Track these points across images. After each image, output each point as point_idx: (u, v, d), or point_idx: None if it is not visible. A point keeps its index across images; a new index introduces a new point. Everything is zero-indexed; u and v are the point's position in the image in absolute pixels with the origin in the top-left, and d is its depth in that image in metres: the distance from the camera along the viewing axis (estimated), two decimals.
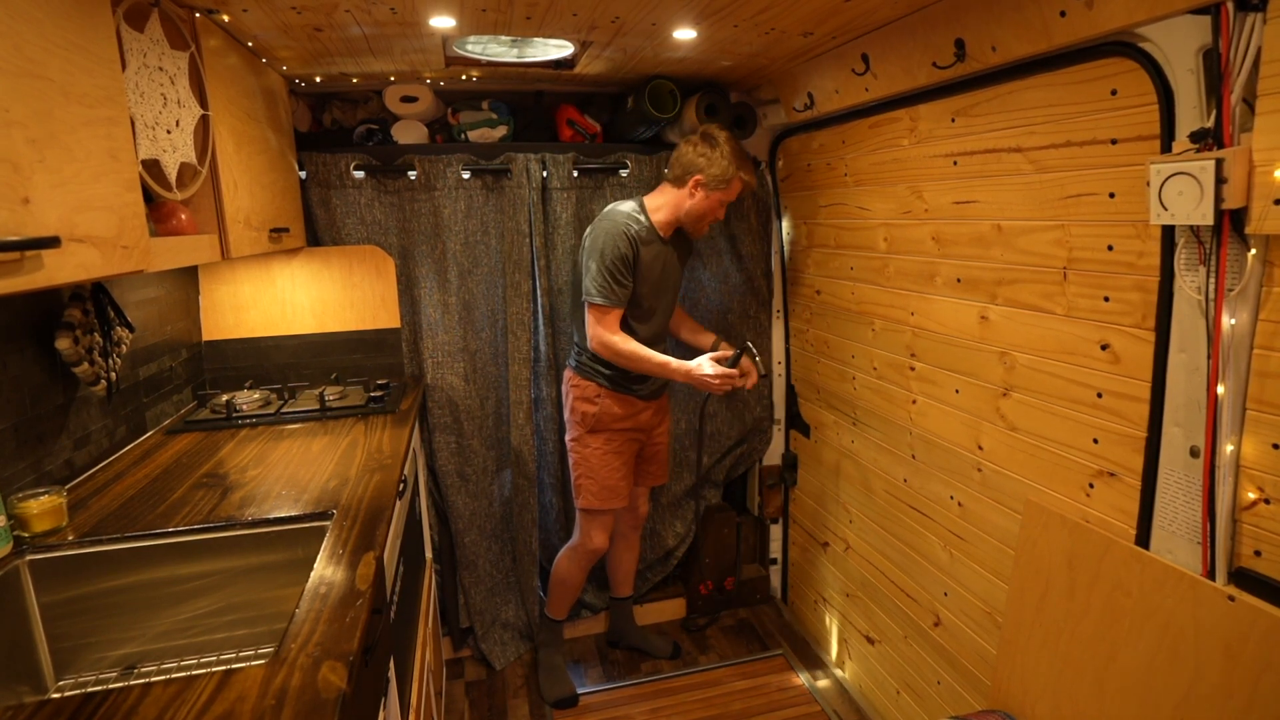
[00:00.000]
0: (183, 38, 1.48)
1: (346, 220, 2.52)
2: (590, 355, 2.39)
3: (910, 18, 1.74)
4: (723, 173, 2.27)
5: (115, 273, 1.13)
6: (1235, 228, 1.15)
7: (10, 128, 0.89)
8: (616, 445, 2.44)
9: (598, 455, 2.43)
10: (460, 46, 2.19)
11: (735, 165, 2.27)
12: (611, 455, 2.44)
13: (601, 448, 2.43)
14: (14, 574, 1.26)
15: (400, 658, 1.53)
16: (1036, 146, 1.56)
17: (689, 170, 2.30)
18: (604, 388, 2.39)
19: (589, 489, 2.45)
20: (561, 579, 2.61)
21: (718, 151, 2.26)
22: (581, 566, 2.58)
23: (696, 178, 2.29)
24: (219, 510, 1.47)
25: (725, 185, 2.29)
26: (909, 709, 2.23)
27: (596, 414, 2.40)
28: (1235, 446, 1.22)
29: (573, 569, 2.58)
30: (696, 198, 2.31)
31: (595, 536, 2.51)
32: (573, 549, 2.57)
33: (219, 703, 0.90)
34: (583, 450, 2.44)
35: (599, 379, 2.39)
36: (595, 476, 2.43)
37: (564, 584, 2.61)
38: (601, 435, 2.42)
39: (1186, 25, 1.20)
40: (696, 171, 2.28)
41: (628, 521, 2.70)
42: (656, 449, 2.60)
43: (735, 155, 2.27)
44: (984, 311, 1.80)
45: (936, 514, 2.05)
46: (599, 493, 2.45)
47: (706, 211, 2.33)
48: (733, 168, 2.27)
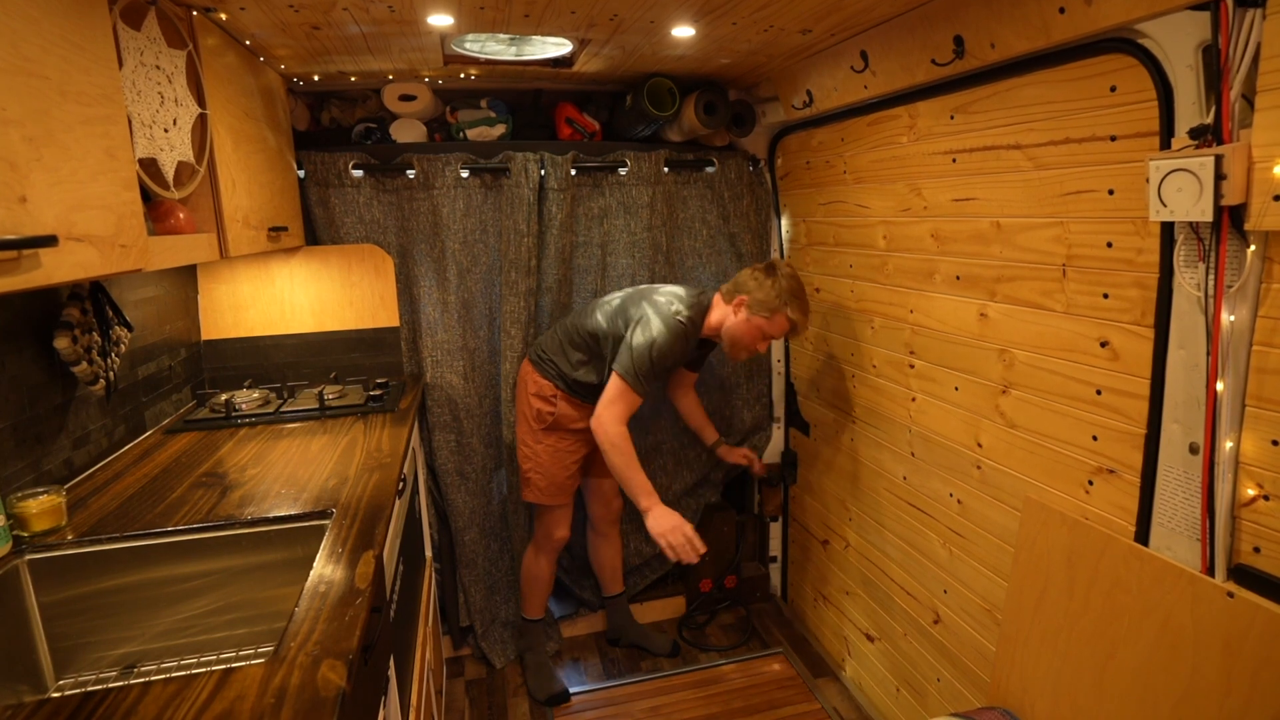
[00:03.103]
0: (180, 36, 1.48)
1: (345, 219, 2.52)
2: (555, 357, 2.37)
3: (909, 15, 1.73)
4: (768, 299, 2.20)
5: (113, 272, 1.13)
6: (1234, 224, 1.15)
7: (7, 126, 0.89)
8: (569, 444, 2.44)
9: (549, 453, 2.42)
10: (459, 45, 2.19)
11: (785, 300, 2.20)
12: (564, 454, 2.43)
13: (554, 445, 2.42)
14: (13, 574, 1.26)
15: (400, 656, 1.53)
16: (1035, 143, 1.56)
17: (739, 289, 2.27)
18: (561, 390, 2.39)
19: (537, 484, 2.45)
20: (530, 577, 2.61)
21: (771, 280, 2.22)
22: (548, 559, 2.58)
23: (742, 297, 2.25)
24: (218, 509, 1.47)
25: (769, 314, 2.21)
26: (909, 706, 2.23)
27: (554, 415, 2.39)
28: (1234, 443, 1.22)
29: (539, 564, 2.58)
30: (739, 317, 2.26)
31: (555, 530, 2.53)
32: (535, 545, 2.58)
33: (218, 701, 0.90)
34: (534, 446, 2.44)
35: (558, 382, 2.38)
36: (544, 473, 2.44)
37: (533, 581, 2.61)
38: (555, 434, 2.41)
39: (1186, 21, 1.20)
40: (745, 292, 2.25)
41: (604, 518, 2.70)
42: None
43: (789, 292, 2.21)
44: (983, 309, 1.80)
45: (936, 511, 2.05)
46: (546, 489, 2.45)
47: (745, 336, 2.26)
48: (780, 300, 2.20)
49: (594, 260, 2.73)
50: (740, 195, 2.82)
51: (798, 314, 2.22)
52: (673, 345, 2.20)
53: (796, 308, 2.22)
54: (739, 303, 2.25)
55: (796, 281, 2.23)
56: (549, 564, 2.59)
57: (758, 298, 2.22)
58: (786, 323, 2.23)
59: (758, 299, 2.22)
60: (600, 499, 2.67)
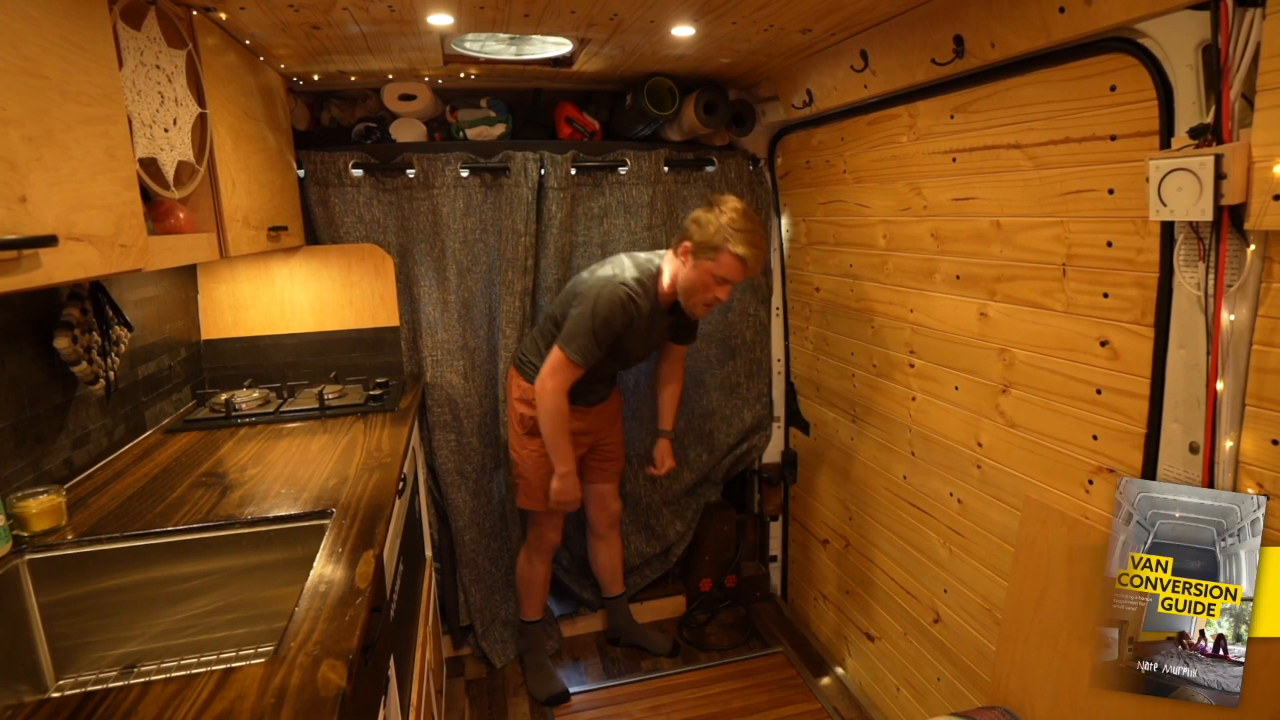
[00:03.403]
0: (180, 36, 1.48)
1: (345, 219, 2.52)
2: (534, 358, 2.34)
3: (909, 14, 1.73)
4: (709, 239, 2.03)
5: (113, 271, 1.13)
6: (1234, 223, 1.15)
7: (7, 126, 0.89)
8: None
9: (533, 458, 2.39)
10: (458, 44, 2.19)
11: (727, 236, 2.01)
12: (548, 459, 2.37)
13: (538, 450, 2.36)
14: (13, 573, 1.26)
15: (400, 656, 1.53)
16: (1035, 143, 1.56)
17: (683, 235, 2.13)
18: None
19: (524, 490, 2.44)
20: (526, 579, 2.59)
21: (712, 215, 2.05)
22: (543, 560, 2.57)
23: (686, 244, 2.11)
24: (218, 509, 1.47)
25: (714, 255, 2.04)
26: (909, 706, 2.23)
27: (535, 418, 2.31)
28: (1234, 442, 1.22)
29: (533, 566, 2.57)
30: (686, 266, 2.12)
31: (547, 533, 2.51)
32: (528, 548, 2.57)
33: (218, 701, 0.90)
34: (521, 452, 2.41)
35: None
36: (530, 479, 2.41)
37: (529, 583, 2.60)
38: (539, 439, 2.34)
39: (1186, 21, 1.20)
40: (687, 238, 2.10)
41: (602, 521, 2.68)
42: (609, 445, 2.58)
43: (731, 226, 2.02)
44: (983, 308, 1.80)
45: (936, 511, 2.05)
46: (534, 495, 2.42)
47: (694, 283, 2.11)
48: (722, 237, 2.01)
49: (594, 260, 2.72)
50: (740, 194, 2.82)
51: (744, 247, 2.02)
52: (612, 315, 2.11)
53: (741, 241, 2.02)
54: (683, 250, 2.12)
55: (741, 214, 2.05)
56: (543, 565, 2.59)
57: (698, 240, 2.07)
58: (734, 261, 2.04)
59: (699, 241, 2.07)
60: (598, 503, 2.66)
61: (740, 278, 2.11)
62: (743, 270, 2.08)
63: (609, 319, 2.13)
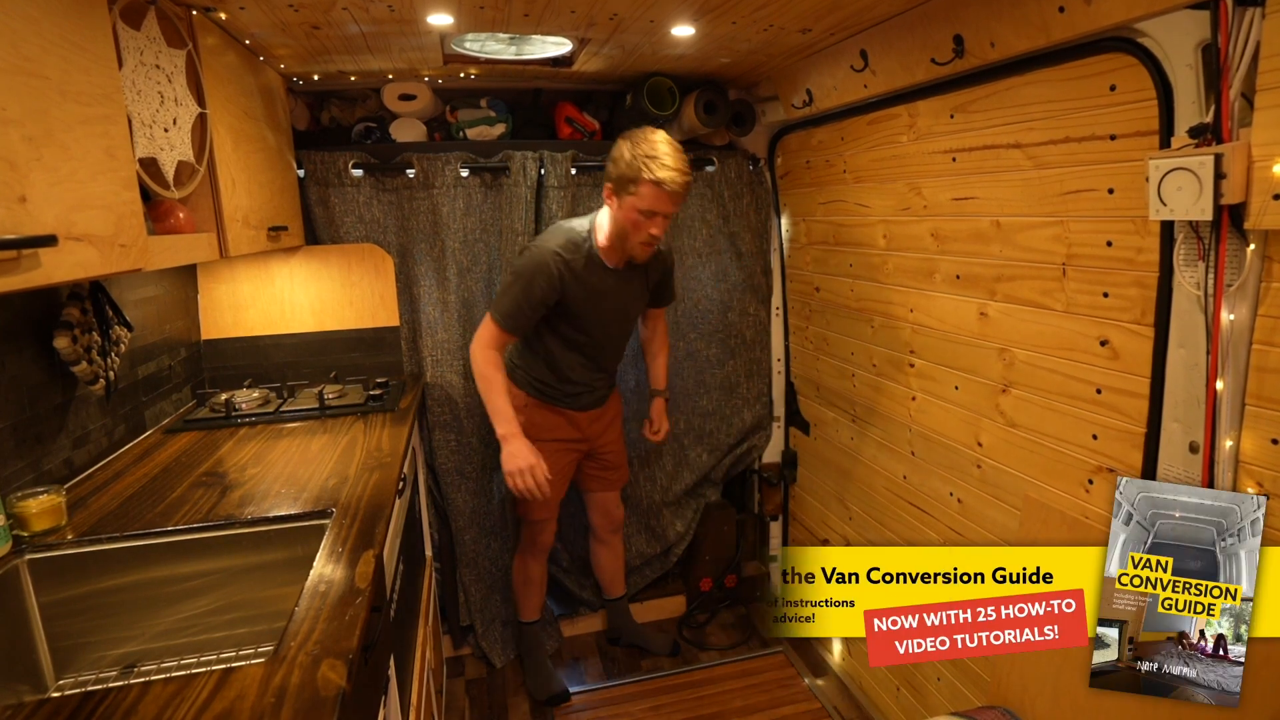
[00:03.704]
0: (180, 36, 1.48)
1: (345, 219, 2.52)
2: (519, 361, 2.30)
3: (909, 14, 1.73)
4: (626, 173, 1.95)
5: (113, 271, 1.13)
6: (1234, 223, 1.15)
7: (7, 126, 0.88)
8: (547, 455, 2.26)
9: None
10: (458, 44, 2.19)
11: (643, 162, 1.92)
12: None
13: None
14: (13, 573, 1.26)
15: (400, 656, 1.53)
16: (1035, 142, 1.56)
17: (605, 178, 2.03)
18: (532, 398, 2.30)
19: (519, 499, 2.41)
20: (522, 581, 2.57)
21: (626, 147, 1.96)
22: (537, 562, 2.55)
23: (608, 186, 2.02)
24: (218, 509, 1.47)
25: (634, 188, 1.96)
26: (909, 705, 2.23)
27: (522, 424, 2.22)
28: (1234, 442, 1.22)
29: (528, 568, 2.55)
30: (614, 208, 2.05)
31: (540, 537, 2.48)
32: (522, 551, 2.54)
33: (218, 701, 0.90)
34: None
35: (528, 388, 2.31)
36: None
37: (525, 585, 2.58)
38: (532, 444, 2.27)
39: (1185, 20, 1.20)
40: (609, 180, 2.02)
41: (605, 527, 2.66)
42: (608, 454, 2.51)
43: (646, 154, 1.93)
44: (983, 308, 1.80)
45: (936, 510, 2.05)
46: (530, 504, 2.37)
47: (624, 223, 2.03)
48: (638, 164, 1.92)
49: None
50: (740, 194, 2.82)
51: (660, 171, 1.92)
52: (535, 276, 2.06)
53: (656, 166, 1.92)
54: (608, 193, 2.05)
55: (656, 141, 1.96)
56: (538, 566, 2.57)
57: (616, 176, 1.99)
58: (654, 188, 1.94)
59: (617, 178, 1.99)
60: (600, 511, 2.63)
61: (668, 207, 2.00)
62: (666, 197, 1.97)
63: (533, 282, 2.08)
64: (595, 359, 2.33)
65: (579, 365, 2.31)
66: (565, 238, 2.14)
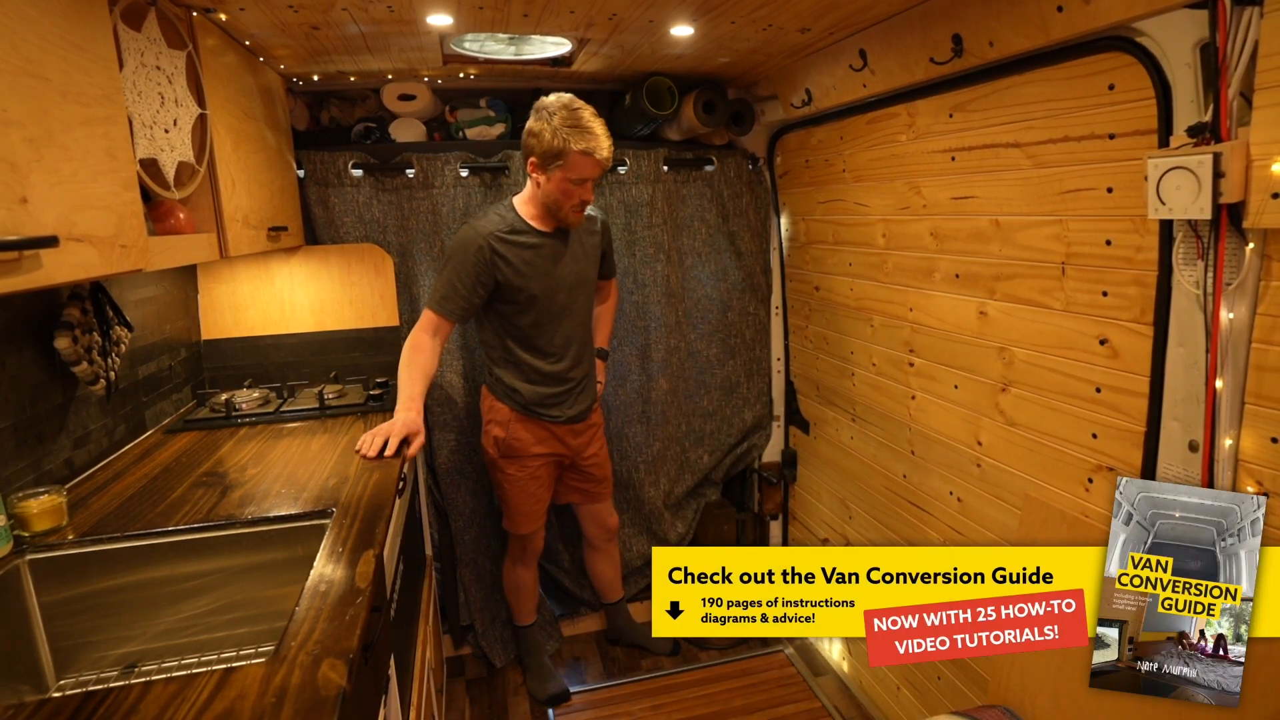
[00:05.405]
0: (180, 37, 1.48)
1: (345, 219, 2.52)
2: (495, 374, 2.27)
3: (908, 13, 1.73)
4: (549, 148, 1.97)
5: (113, 272, 1.13)
6: (1233, 222, 1.15)
7: (8, 127, 0.89)
8: (532, 470, 2.31)
9: (509, 482, 2.33)
10: (458, 44, 2.19)
11: (565, 137, 1.95)
12: (526, 481, 2.32)
13: (515, 474, 2.31)
14: (14, 573, 1.26)
15: (400, 656, 1.53)
16: (1034, 142, 1.56)
17: (526, 152, 2.04)
18: (515, 413, 2.26)
19: (506, 513, 2.41)
20: (514, 587, 2.57)
21: (543, 122, 1.97)
22: (528, 569, 2.54)
23: (532, 160, 2.03)
24: (219, 509, 1.47)
25: (561, 161, 1.98)
26: (909, 705, 2.24)
27: (506, 441, 2.25)
28: (1234, 440, 1.22)
29: (517, 573, 2.54)
30: (540, 182, 2.05)
31: (529, 545, 2.48)
32: (512, 558, 2.53)
33: (219, 701, 0.90)
34: (496, 475, 2.36)
35: (510, 403, 2.26)
36: (509, 502, 2.37)
37: (517, 590, 2.57)
38: (515, 462, 2.30)
39: (1184, 20, 1.20)
40: (532, 155, 2.03)
41: (599, 536, 2.64)
42: (591, 466, 2.47)
43: (565, 125, 1.95)
44: (982, 307, 1.80)
45: (936, 510, 2.05)
46: (513, 517, 2.38)
47: (559, 195, 2.04)
48: (560, 140, 1.95)
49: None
50: (739, 194, 2.82)
51: (585, 141, 1.96)
52: (463, 256, 2.06)
53: (580, 137, 1.95)
54: (532, 167, 2.05)
55: (570, 110, 1.98)
56: (529, 573, 2.56)
57: (540, 152, 2.00)
58: (581, 158, 1.97)
59: (541, 153, 2.00)
60: (593, 521, 2.61)
61: (597, 171, 2.03)
62: (595, 163, 2.00)
63: (461, 258, 2.07)
64: (560, 349, 2.23)
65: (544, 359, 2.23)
66: (490, 214, 2.14)
